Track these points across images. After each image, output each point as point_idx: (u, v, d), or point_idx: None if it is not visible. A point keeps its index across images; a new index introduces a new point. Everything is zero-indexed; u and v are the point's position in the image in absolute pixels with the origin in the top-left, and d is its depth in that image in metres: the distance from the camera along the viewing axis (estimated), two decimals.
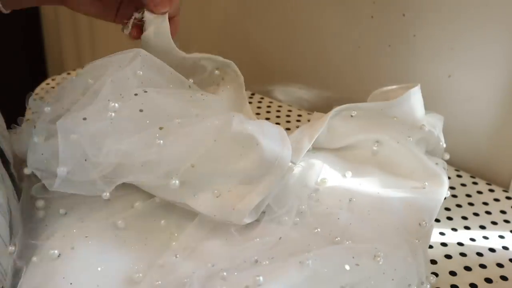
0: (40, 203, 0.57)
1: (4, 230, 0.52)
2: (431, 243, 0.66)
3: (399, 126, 0.68)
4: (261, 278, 0.47)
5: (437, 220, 0.70)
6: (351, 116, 0.68)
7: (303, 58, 0.98)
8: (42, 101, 0.63)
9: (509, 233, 0.69)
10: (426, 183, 0.64)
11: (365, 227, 0.58)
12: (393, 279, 0.52)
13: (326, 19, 0.92)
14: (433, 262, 0.63)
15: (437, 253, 0.65)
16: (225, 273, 0.49)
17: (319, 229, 0.57)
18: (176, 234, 0.57)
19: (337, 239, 0.56)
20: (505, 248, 0.66)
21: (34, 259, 0.52)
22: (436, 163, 0.69)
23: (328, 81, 0.94)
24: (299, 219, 0.59)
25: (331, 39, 0.93)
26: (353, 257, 0.52)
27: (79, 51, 1.51)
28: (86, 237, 0.54)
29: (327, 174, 0.66)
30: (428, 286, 0.56)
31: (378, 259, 0.52)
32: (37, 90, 0.92)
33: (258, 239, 0.56)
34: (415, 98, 0.70)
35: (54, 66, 1.62)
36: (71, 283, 0.50)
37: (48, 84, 0.94)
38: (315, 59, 0.96)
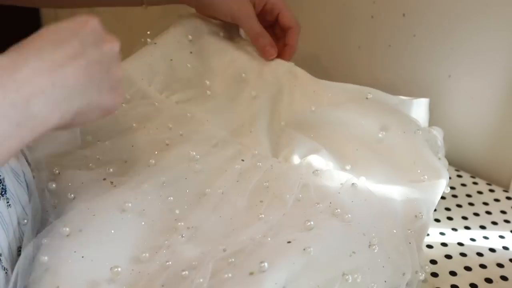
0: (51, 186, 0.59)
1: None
2: (431, 243, 0.66)
3: (409, 119, 0.69)
4: (266, 264, 0.48)
5: (437, 220, 0.70)
6: (367, 98, 0.69)
7: (303, 58, 0.98)
8: None
9: (509, 233, 0.69)
10: (426, 176, 0.64)
11: (363, 211, 0.58)
12: (386, 267, 0.53)
13: (326, 19, 0.92)
14: (433, 262, 0.63)
15: (437, 253, 0.65)
16: (233, 259, 0.50)
17: (321, 205, 0.58)
18: (181, 214, 0.58)
19: (337, 210, 0.56)
20: (505, 248, 0.67)
21: (44, 240, 0.52)
22: (439, 158, 0.69)
23: (328, 81, 0.94)
24: (301, 195, 0.60)
25: (331, 39, 0.93)
26: (351, 245, 0.52)
27: None
28: (94, 217, 0.55)
29: (327, 166, 0.66)
30: (423, 275, 0.56)
31: (373, 247, 0.53)
32: None
33: (262, 216, 0.57)
34: (425, 108, 0.72)
35: None
36: (82, 257, 0.51)
37: None
38: (315, 59, 0.96)
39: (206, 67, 0.75)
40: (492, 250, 0.66)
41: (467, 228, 0.70)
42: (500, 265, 0.64)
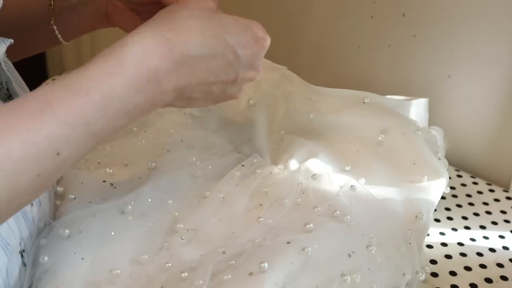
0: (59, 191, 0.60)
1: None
2: (431, 243, 0.66)
3: (407, 120, 0.69)
4: (266, 264, 0.48)
5: (437, 220, 0.70)
6: (364, 102, 0.69)
7: (303, 58, 0.98)
8: None
9: (509, 233, 0.69)
10: (425, 177, 0.65)
11: (363, 212, 0.59)
12: (386, 267, 0.53)
13: (327, 19, 0.92)
14: (433, 262, 0.63)
15: (437, 253, 0.65)
16: (233, 262, 0.51)
17: (319, 208, 0.58)
18: (180, 216, 0.58)
19: (336, 212, 0.57)
20: (505, 248, 0.67)
21: (44, 241, 0.53)
22: (439, 158, 0.69)
23: (328, 81, 0.94)
24: (300, 200, 0.60)
25: (331, 39, 0.93)
26: (350, 245, 0.53)
27: (79, 51, 1.51)
28: (94, 219, 0.55)
29: (325, 170, 0.66)
30: (423, 275, 0.57)
31: (371, 248, 0.53)
32: None
33: (261, 219, 0.58)
34: (424, 108, 0.72)
35: (54, 66, 1.62)
36: (82, 258, 0.52)
37: (54, 79, 0.94)
38: (315, 59, 0.96)
39: None
40: (492, 250, 0.66)
41: (467, 228, 0.70)
42: (500, 265, 0.64)
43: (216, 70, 0.49)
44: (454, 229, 0.69)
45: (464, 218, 0.71)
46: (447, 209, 0.72)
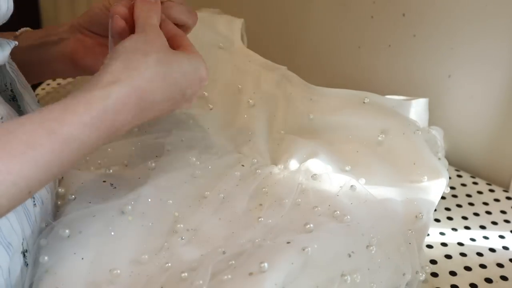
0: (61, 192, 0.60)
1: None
2: (431, 243, 0.66)
3: (407, 120, 0.69)
4: (266, 264, 0.48)
5: (437, 220, 0.70)
6: (364, 102, 0.69)
7: (303, 58, 0.98)
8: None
9: (509, 233, 0.69)
10: (425, 177, 0.65)
11: (363, 212, 0.59)
12: (386, 267, 0.53)
13: (327, 19, 0.92)
14: (433, 262, 0.63)
15: (437, 253, 0.65)
16: (233, 262, 0.51)
17: (319, 208, 0.58)
18: (180, 216, 0.58)
19: (336, 212, 0.57)
20: (505, 248, 0.67)
21: (45, 241, 0.53)
22: (439, 158, 0.69)
23: (328, 81, 0.94)
24: (300, 200, 0.60)
25: (331, 39, 0.93)
26: (350, 245, 0.53)
27: None
28: (94, 219, 0.55)
29: (325, 170, 0.66)
30: (423, 275, 0.57)
31: (371, 248, 0.53)
32: (38, 90, 0.92)
33: (261, 219, 0.58)
34: (424, 108, 0.72)
35: None
36: (82, 258, 0.52)
37: (48, 84, 0.94)
38: (315, 59, 0.96)
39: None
40: (492, 250, 0.66)
41: (467, 228, 0.70)
42: (500, 265, 0.64)
43: (166, 109, 0.53)
44: (454, 229, 0.69)
45: (464, 218, 0.71)
46: (447, 209, 0.73)
